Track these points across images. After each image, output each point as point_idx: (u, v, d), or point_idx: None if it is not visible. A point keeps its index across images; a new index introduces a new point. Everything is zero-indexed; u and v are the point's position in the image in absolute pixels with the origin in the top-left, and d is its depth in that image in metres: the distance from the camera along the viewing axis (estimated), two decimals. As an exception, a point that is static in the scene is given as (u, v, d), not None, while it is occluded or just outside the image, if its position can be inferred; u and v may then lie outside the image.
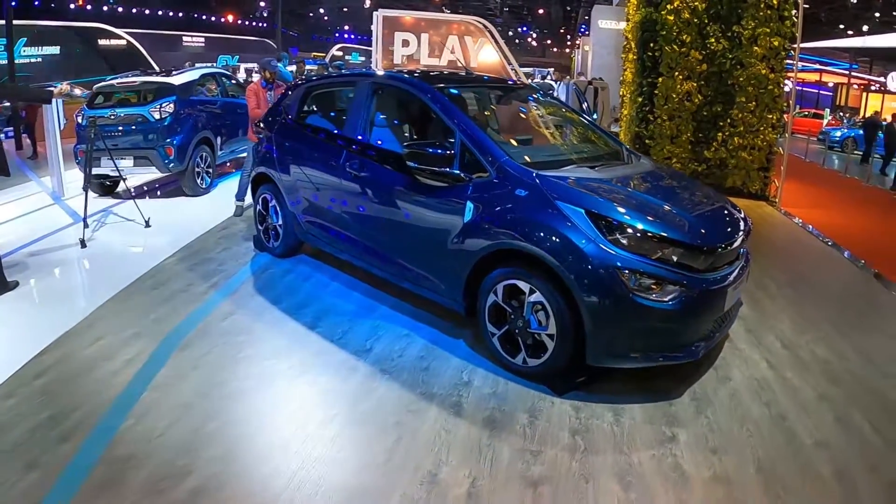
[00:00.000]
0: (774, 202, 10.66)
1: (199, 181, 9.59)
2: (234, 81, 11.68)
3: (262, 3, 43.64)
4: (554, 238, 3.87)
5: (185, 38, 41.91)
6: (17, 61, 25.88)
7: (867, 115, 24.17)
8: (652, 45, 10.69)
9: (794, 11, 10.12)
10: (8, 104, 15.85)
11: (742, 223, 4.47)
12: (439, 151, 4.35)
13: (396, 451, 3.38)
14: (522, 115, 6.06)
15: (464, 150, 4.43)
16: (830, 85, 40.13)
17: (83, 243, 6.79)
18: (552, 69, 39.07)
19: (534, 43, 60.12)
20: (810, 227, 9.24)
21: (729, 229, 4.29)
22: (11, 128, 16.07)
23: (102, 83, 9.66)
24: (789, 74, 10.72)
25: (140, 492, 3.01)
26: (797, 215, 9.91)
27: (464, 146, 4.44)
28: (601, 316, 3.76)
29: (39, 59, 28.41)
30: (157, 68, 25.40)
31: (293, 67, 15.71)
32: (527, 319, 4.05)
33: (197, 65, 15.40)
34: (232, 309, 5.13)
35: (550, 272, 3.90)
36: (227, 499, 2.98)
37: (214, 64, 34.75)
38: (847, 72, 37.18)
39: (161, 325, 4.82)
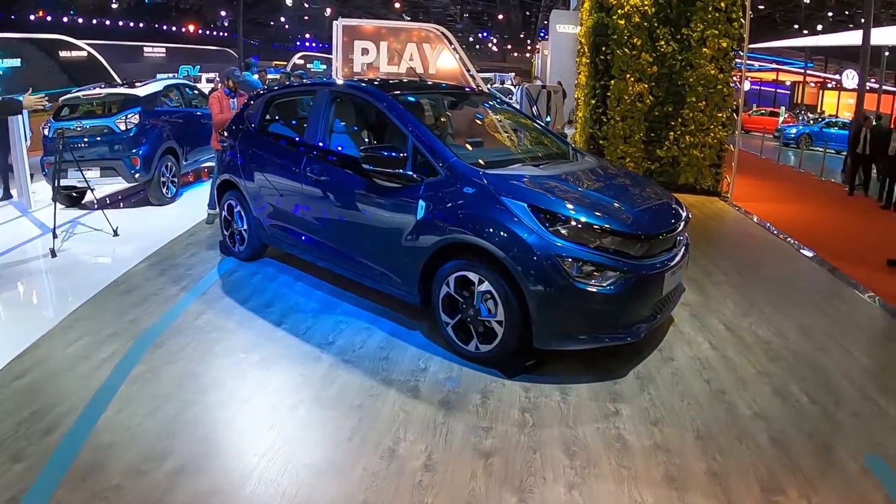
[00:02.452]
0: (727, 197, 11.08)
1: (164, 191, 9.68)
2: (196, 92, 11.78)
3: (223, 13, 43.47)
4: (500, 231, 4.14)
5: (146, 49, 41.55)
6: (-23, 74, 25.63)
7: (848, 114, 22.30)
8: (604, 48, 11.02)
9: (741, 13, 10.55)
10: None
11: (680, 213, 4.79)
12: (393, 154, 4.61)
13: (358, 430, 3.62)
14: (475, 120, 6.38)
15: (416, 153, 4.70)
16: (788, 83, 41.15)
17: (53, 253, 6.88)
18: (513, 74, 39.58)
19: (494, 48, 60.74)
20: (760, 219, 9.68)
21: (666, 218, 4.60)
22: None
23: (68, 95, 9.76)
24: (739, 73, 11.13)
25: (123, 474, 3.19)
26: (748, 209, 10.35)
27: (416, 149, 4.71)
28: (545, 302, 4.04)
29: (0, 72, 28.02)
30: (118, 79, 25.21)
31: (256, 77, 15.81)
32: (477, 308, 4.31)
33: (159, 76, 15.40)
34: (203, 309, 5.34)
35: (497, 263, 4.16)
36: (205, 476, 3.18)
37: (176, 74, 34.55)
38: (802, 70, 38.17)
39: (136, 325, 5.00)
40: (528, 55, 50.15)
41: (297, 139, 5.88)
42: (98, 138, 9.04)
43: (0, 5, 33.86)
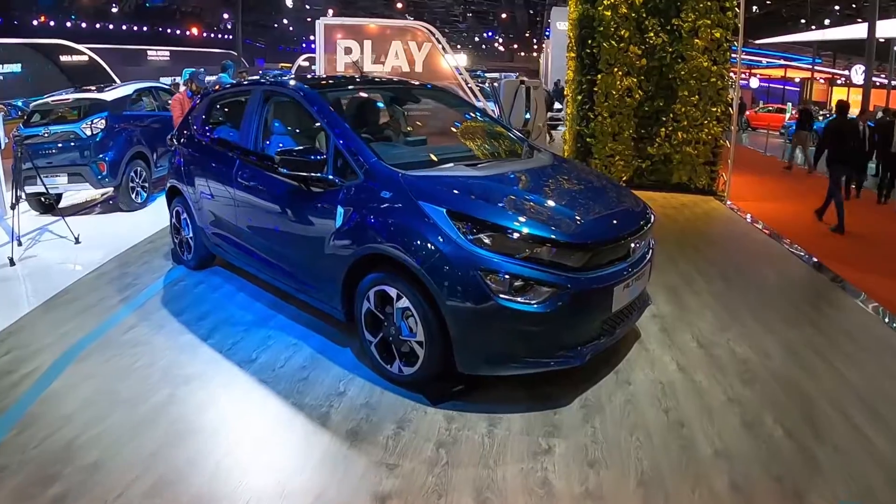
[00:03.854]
0: (722, 196, 10.47)
1: (133, 196, 9.48)
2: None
3: (226, 16, 43.26)
4: (414, 240, 3.68)
5: (149, 53, 41.42)
6: (-23, 80, 25.60)
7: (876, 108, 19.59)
8: (590, 41, 10.47)
9: (735, 2, 9.97)
10: None
11: (638, 217, 4.22)
12: (310, 157, 4.24)
13: (257, 460, 3.34)
14: (417, 117, 5.98)
15: (337, 155, 4.30)
16: (797, 80, 40.31)
17: (11, 261, 6.75)
18: (516, 74, 39.06)
19: (500, 48, 60.17)
20: (755, 219, 9.06)
21: (618, 223, 4.04)
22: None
23: (39, 101, 9.75)
24: (735, 68, 10.54)
25: (8, 499, 3.03)
26: (745, 209, 9.73)
27: (337, 150, 4.31)
28: (464, 321, 3.55)
29: (0, 77, 27.96)
30: (117, 82, 25.02)
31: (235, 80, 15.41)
32: (398, 326, 3.87)
33: (161, 79, 15.17)
34: (135, 321, 5.12)
35: (415, 277, 3.69)
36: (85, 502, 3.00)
37: (179, 77, 34.31)
38: (810, 66, 37.33)
39: (67, 338, 4.83)
40: (535, 54, 49.53)
41: (230, 142, 5.56)
42: (64, 144, 8.90)
43: (2, 10, 33.82)
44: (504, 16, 44.25)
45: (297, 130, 5.35)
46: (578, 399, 3.88)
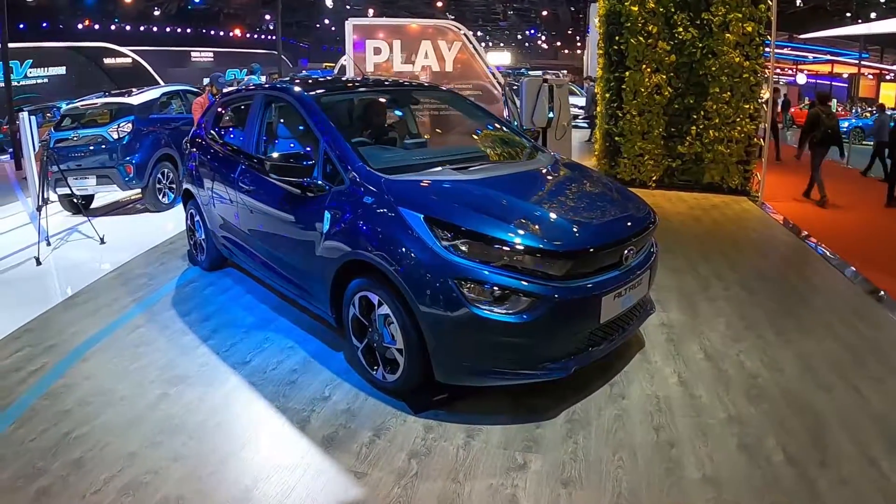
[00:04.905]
0: (756, 197, 10.07)
1: (161, 197, 9.71)
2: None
3: (268, 17, 43.58)
4: (391, 246, 3.60)
5: (193, 54, 42.03)
6: (23, 83, 26.22)
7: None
8: (617, 38, 10.19)
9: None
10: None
11: (634, 222, 3.99)
12: (298, 162, 4.20)
13: (227, 464, 3.30)
14: (413, 119, 5.89)
15: (326, 159, 4.25)
16: (845, 76, 39.01)
17: (38, 261, 6.99)
18: (565, 70, 38.72)
19: (544, 45, 59.52)
20: (789, 222, 8.68)
21: (607, 229, 3.82)
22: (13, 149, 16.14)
23: (69, 106, 9.97)
24: (768, 63, 10.14)
25: None
26: (778, 210, 9.34)
27: (326, 154, 4.26)
28: (440, 330, 3.43)
29: (45, 80, 28.56)
30: (161, 83, 25.42)
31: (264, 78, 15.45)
32: (381, 333, 3.79)
33: (205, 80, 15.41)
34: (143, 322, 5.20)
35: (394, 283, 3.58)
36: (66, 498, 3.07)
37: (224, 76, 34.64)
38: (857, 61, 36.01)
39: (76, 337, 4.94)
40: (578, 52, 48.96)
41: (234, 146, 5.60)
42: (92, 147, 9.17)
43: (48, 14, 34.54)
44: (545, 13, 43.65)
45: (297, 135, 5.29)
46: (565, 412, 3.69)
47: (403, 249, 3.53)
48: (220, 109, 6.25)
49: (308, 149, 4.60)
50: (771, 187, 10.57)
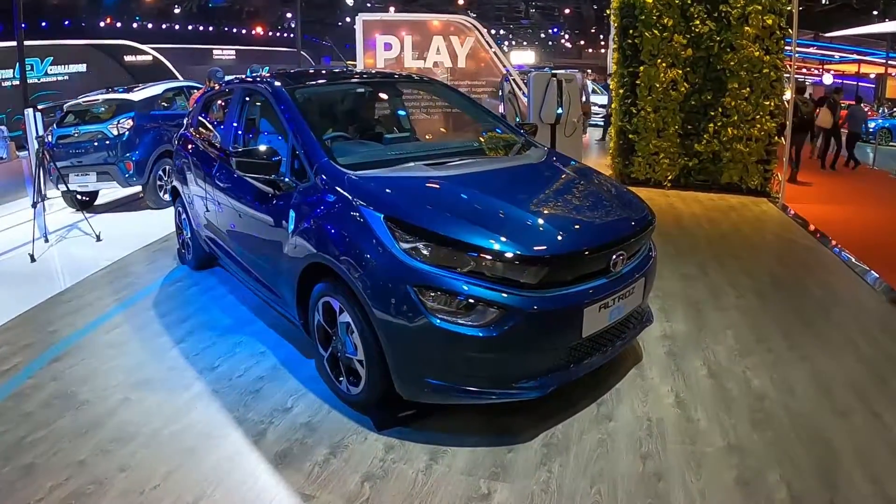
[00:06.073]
0: (776, 198, 9.59)
1: (161, 194, 9.54)
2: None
3: (290, 15, 43.55)
4: (349, 247, 3.33)
5: (215, 52, 42.12)
6: (43, 80, 26.32)
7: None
8: (631, 31, 9.77)
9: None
10: None
11: (625, 225, 3.60)
12: (264, 158, 3.93)
13: (171, 478, 3.12)
14: (396, 112, 5.65)
15: (294, 155, 4.01)
16: (872, 76, 37.90)
17: (32, 258, 6.95)
18: (589, 70, 38.24)
19: (567, 44, 58.83)
20: (808, 224, 8.19)
21: (592, 232, 3.45)
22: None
23: (72, 102, 9.87)
24: (789, 61, 9.67)
25: None
26: (799, 213, 8.84)
27: (294, 150, 4.02)
28: (399, 342, 3.13)
29: (66, 77, 28.66)
30: (180, 79, 25.46)
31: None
32: (343, 342, 3.53)
33: (227, 77, 15.35)
34: (121, 321, 5.10)
35: (352, 289, 3.29)
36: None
37: (245, 75, 34.73)
38: (884, 61, 34.92)
39: (54, 336, 4.88)
40: (602, 50, 48.31)
41: (214, 143, 5.44)
42: (94, 144, 9.11)
43: (70, 13, 34.74)
44: (567, 11, 43.12)
45: (271, 130, 5.06)
46: (543, 435, 3.33)
47: (361, 251, 3.25)
48: (205, 105, 6.12)
49: (279, 144, 4.35)
50: (793, 188, 10.08)
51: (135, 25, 38.41)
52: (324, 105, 4.99)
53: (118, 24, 37.19)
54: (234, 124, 5.05)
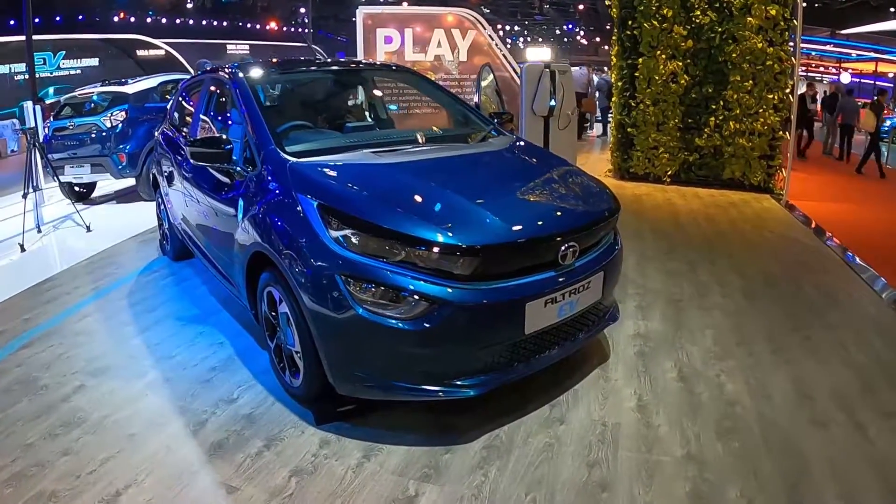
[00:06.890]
0: (780, 195, 9.27)
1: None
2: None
3: (303, 10, 43.53)
4: (283, 235, 3.26)
5: (229, 47, 42.18)
6: (56, 73, 26.44)
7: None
8: (630, 22, 9.49)
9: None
10: None
11: (579, 213, 3.39)
12: (216, 147, 3.90)
13: (107, 464, 3.10)
14: (357, 101, 5.61)
15: (247, 143, 3.96)
16: (891, 75, 37.10)
17: (22, 248, 7.07)
18: (606, 68, 37.82)
19: (583, 41, 58.34)
20: (811, 222, 7.88)
21: (539, 221, 3.25)
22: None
23: (68, 95, 10.10)
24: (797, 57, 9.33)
25: None
26: (803, 210, 8.52)
27: (246, 137, 3.98)
28: (328, 333, 3.02)
29: (79, 71, 28.75)
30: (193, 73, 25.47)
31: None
32: (285, 333, 3.45)
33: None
34: (94, 310, 5.13)
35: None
36: None
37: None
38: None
39: (27, 323, 4.91)
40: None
41: (184, 132, 5.50)
42: (87, 136, 9.23)
43: (84, 7, 34.91)
44: (582, 7, 42.72)
45: (231, 119, 4.93)
46: (487, 436, 3.14)
47: (293, 239, 3.18)
48: (180, 97, 6.09)
49: (239, 134, 4.21)
50: (799, 183, 9.74)
51: (148, 20, 38.55)
52: (286, 94, 4.96)
53: (132, 19, 37.37)
54: (201, 115, 5.04)
